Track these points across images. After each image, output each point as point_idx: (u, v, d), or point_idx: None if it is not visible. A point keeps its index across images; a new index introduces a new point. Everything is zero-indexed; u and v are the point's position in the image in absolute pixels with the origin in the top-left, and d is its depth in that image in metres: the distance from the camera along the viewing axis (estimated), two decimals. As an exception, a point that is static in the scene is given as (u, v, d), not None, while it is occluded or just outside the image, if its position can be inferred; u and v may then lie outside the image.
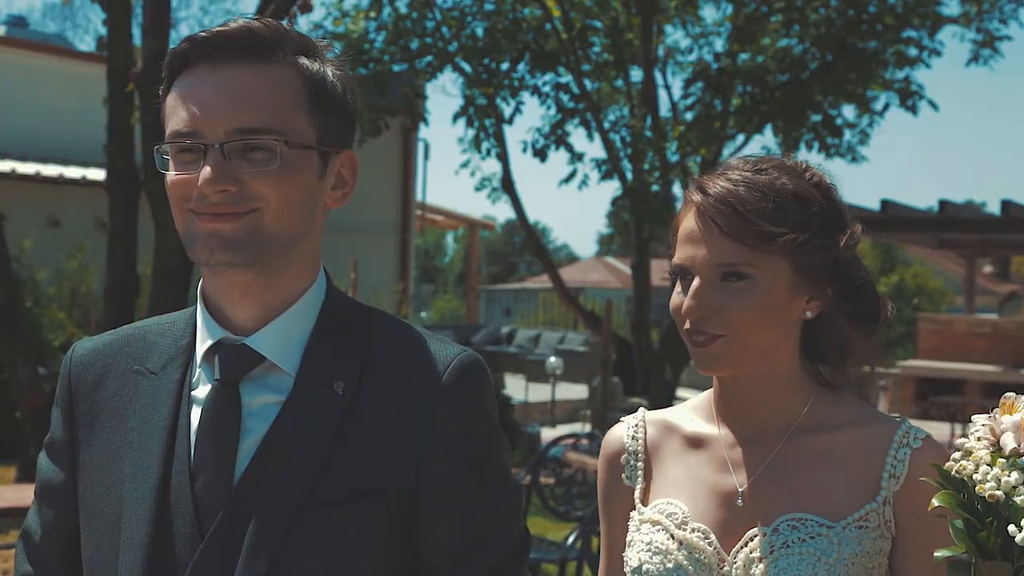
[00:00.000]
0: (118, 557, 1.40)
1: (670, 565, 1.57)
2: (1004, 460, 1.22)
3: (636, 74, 13.55)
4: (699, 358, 1.58)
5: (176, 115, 1.40)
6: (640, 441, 1.72)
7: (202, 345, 1.48)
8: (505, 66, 13.23)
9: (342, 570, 1.38)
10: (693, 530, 1.59)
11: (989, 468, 1.22)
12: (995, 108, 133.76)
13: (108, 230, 7.57)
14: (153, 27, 6.82)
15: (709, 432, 1.67)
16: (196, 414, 1.45)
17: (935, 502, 1.25)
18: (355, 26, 12.69)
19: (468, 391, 1.43)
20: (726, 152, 13.58)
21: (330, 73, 1.48)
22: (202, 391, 1.46)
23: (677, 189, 13.62)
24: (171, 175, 1.41)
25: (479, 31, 13.27)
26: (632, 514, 1.68)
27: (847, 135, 13.86)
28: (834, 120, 13.62)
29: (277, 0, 7.04)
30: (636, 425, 1.75)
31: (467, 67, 12.98)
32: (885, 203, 14.43)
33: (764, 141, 22.15)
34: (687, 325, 1.57)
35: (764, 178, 1.58)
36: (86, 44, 37.95)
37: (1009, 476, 1.20)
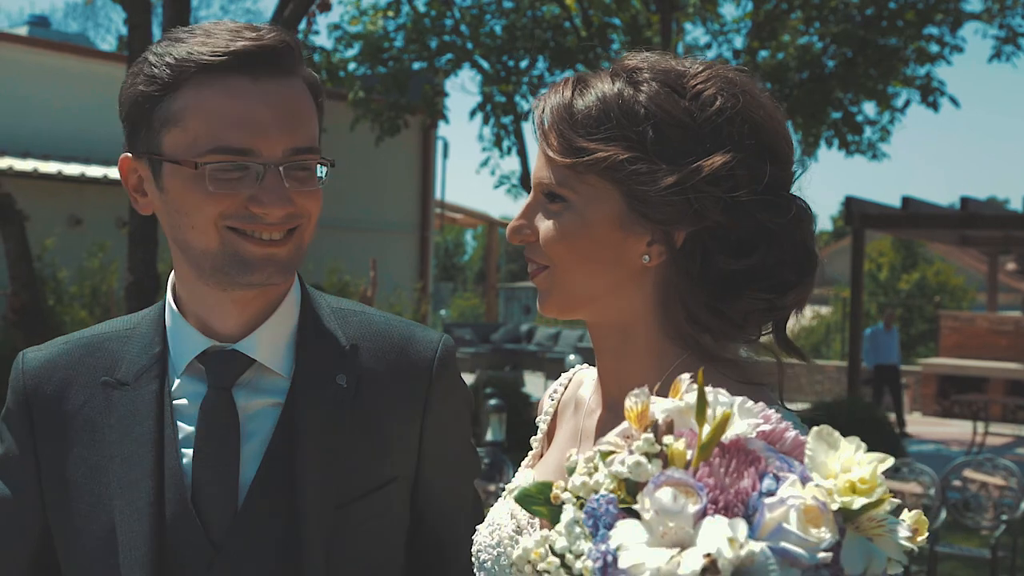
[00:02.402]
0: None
1: (494, 541, 1.37)
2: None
3: (655, 71, 13.52)
4: (539, 295, 1.35)
5: (220, 127, 1.33)
6: (555, 402, 1.50)
7: (182, 356, 1.43)
8: (524, 64, 13.23)
9: (379, 556, 1.46)
10: None
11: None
12: (1018, 104, 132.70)
13: (129, 229, 7.63)
14: (173, 27, 6.88)
15: (585, 395, 1.44)
16: (183, 425, 1.41)
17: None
18: (373, 25, 12.72)
19: (453, 375, 1.55)
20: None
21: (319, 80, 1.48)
22: (186, 402, 1.42)
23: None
24: (208, 190, 1.33)
25: (498, 29, 13.28)
26: None
27: (868, 132, 13.80)
28: (855, 117, 13.56)
29: (296, 0, 7.06)
30: (561, 383, 1.52)
31: (486, 65, 12.99)
32: (906, 200, 14.34)
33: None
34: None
35: (613, 83, 1.27)
36: (108, 44, 38.23)
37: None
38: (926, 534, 0.99)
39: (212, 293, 1.42)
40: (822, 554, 0.87)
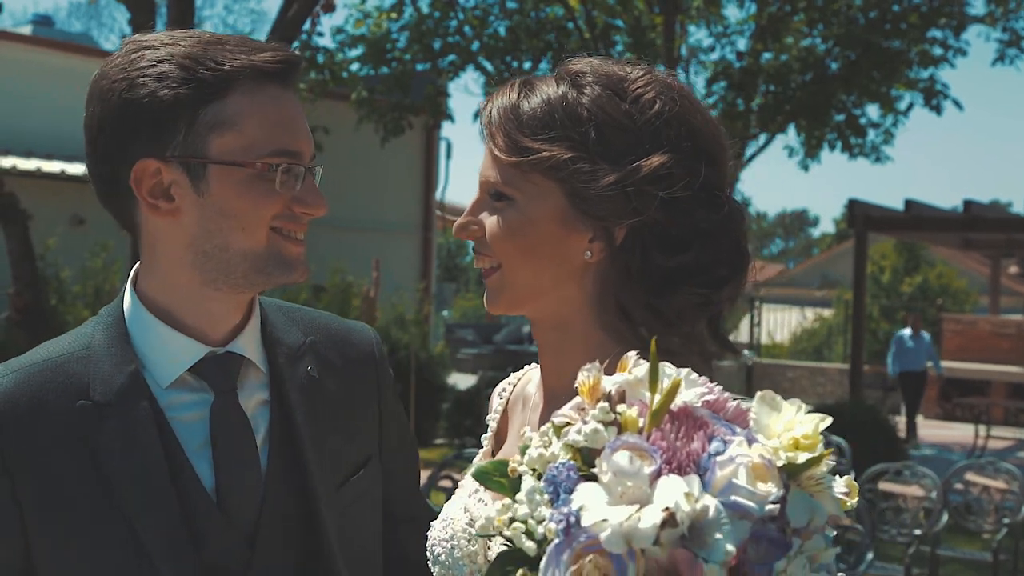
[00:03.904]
0: None
1: (447, 534, 1.38)
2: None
3: (658, 73, 13.52)
4: (486, 292, 1.38)
5: (276, 131, 1.38)
6: (504, 400, 1.52)
7: (167, 368, 1.41)
8: (527, 65, 13.22)
9: (368, 534, 1.56)
10: (480, 500, 1.37)
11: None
12: (1021, 107, 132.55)
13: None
14: (177, 27, 6.88)
15: (532, 392, 1.46)
16: (185, 436, 1.40)
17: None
18: (377, 27, 12.73)
19: (387, 361, 1.67)
20: (749, 152, 13.53)
21: None
22: (186, 412, 1.41)
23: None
24: (272, 191, 1.37)
25: (501, 30, 13.28)
26: None
27: (871, 135, 13.78)
28: (858, 120, 13.55)
29: (300, 1, 7.07)
30: (510, 382, 1.54)
31: (489, 66, 12.99)
32: (909, 203, 14.33)
33: (787, 140, 22.06)
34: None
35: (558, 86, 1.31)
36: (111, 43, 38.23)
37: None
38: (856, 497, 1.05)
39: (217, 298, 1.42)
40: (769, 506, 0.92)
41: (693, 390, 1.01)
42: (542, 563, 0.94)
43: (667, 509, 0.89)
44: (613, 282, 1.31)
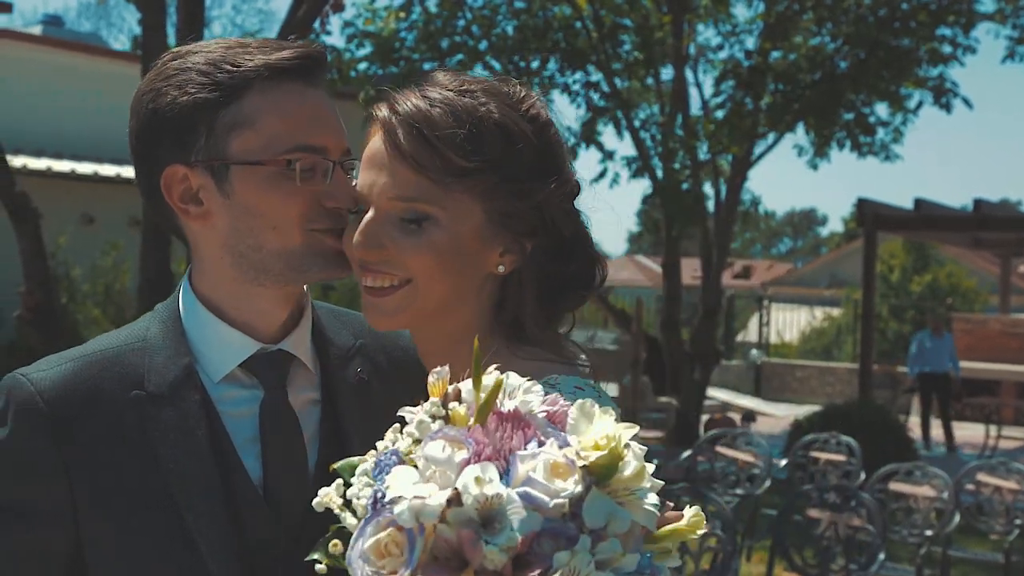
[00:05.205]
0: None
1: None
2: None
3: (667, 72, 13.51)
4: (370, 309, 1.39)
5: (296, 126, 1.37)
6: None
7: (219, 363, 1.43)
8: (535, 64, 13.23)
9: None
10: None
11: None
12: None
13: (142, 228, 7.65)
14: (187, 27, 6.88)
15: None
16: (234, 431, 1.42)
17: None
18: (386, 25, 12.74)
19: None
20: (757, 150, 13.52)
21: None
22: (235, 407, 1.43)
23: (708, 188, 13.57)
24: (293, 186, 1.37)
25: (509, 29, 13.28)
26: None
27: (880, 133, 13.76)
28: (867, 118, 13.52)
29: (310, 0, 7.07)
30: None
31: (497, 65, 12.98)
32: (919, 202, 14.30)
33: (796, 139, 22.02)
34: (357, 265, 1.38)
35: (466, 101, 1.34)
36: (120, 43, 38.37)
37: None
38: (703, 530, 1.12)
39: (263, 294, 1.44)
40: (558, 500, 0.98)
41: (528, 397, 1.08)
42: (355, 534, 1.03)
43: (454, 489, 0.97)
44: (513, 290, 1.38)
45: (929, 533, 6.56)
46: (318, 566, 1.13)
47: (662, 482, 1.07)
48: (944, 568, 6.84)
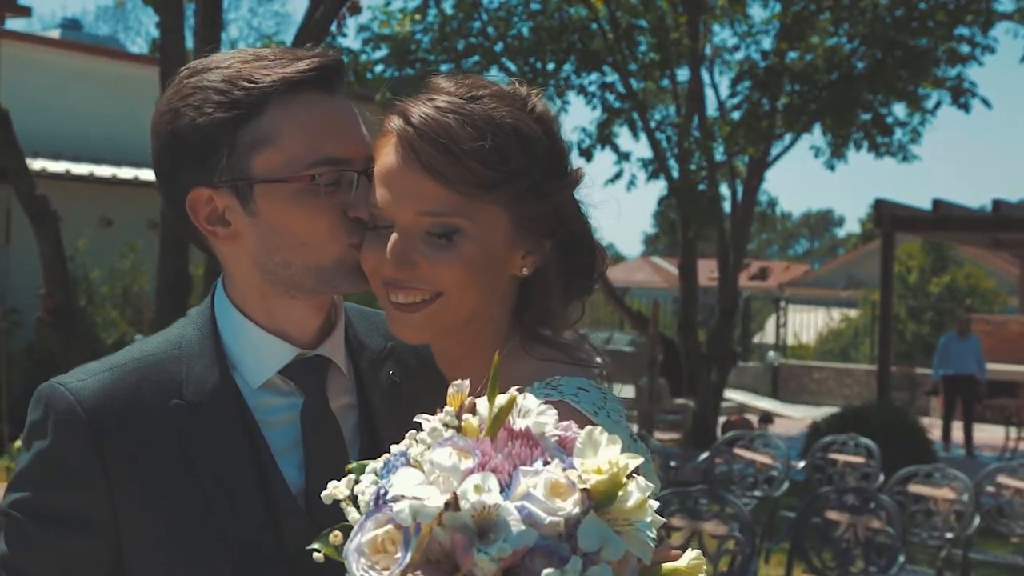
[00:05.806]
0: None
1: None
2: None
3: (683, 73, 13.48)
4: (399, 324, 1.36)
5: (318, 140, 1.36)
6: None
7: (257, 370, 1.43)
8: (551, 66, 13.22)
9: None
10: None
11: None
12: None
13: (160, 230, 7.68)
14: (205, 31, 6.91)
15: None
16: (273, 438, 1.41)
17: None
18: (401, 27, 12.76)
19: None
20: (774, 151, 13.47)
21: None
22: (273, 415, 1.42)
23: (725, 189, 13.53)
24: (318, 203, 1.35)
25: (524, 31, 13.29)
26: None
27: (898, 134, 13.68)
28: (884, 119, 13.45)
29: (327, 3, 7.09)
30: None
31: (513, 67, 12.99)
32: (937, 202, 14.22)
33: (813, 140, 21.93)
34: (382, 283, 1.36)
35: (478, 108, 1.32)
36: (138, 46, 38.59)
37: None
38: (703, 573, 1.12)
39: (296, 305, 1.43)
40: (555, 518, 0.99)
41: (541, 419, 1.09)
42: (355, 527, 1.07)
43: (452, 493, 0.99)
44: (538, 291, 1.38)
45: (949, 536, 6.52)
46: (315, 555, 1.15)
47: (663, 519, 1.08)
48: (964, 571, 6.79)
